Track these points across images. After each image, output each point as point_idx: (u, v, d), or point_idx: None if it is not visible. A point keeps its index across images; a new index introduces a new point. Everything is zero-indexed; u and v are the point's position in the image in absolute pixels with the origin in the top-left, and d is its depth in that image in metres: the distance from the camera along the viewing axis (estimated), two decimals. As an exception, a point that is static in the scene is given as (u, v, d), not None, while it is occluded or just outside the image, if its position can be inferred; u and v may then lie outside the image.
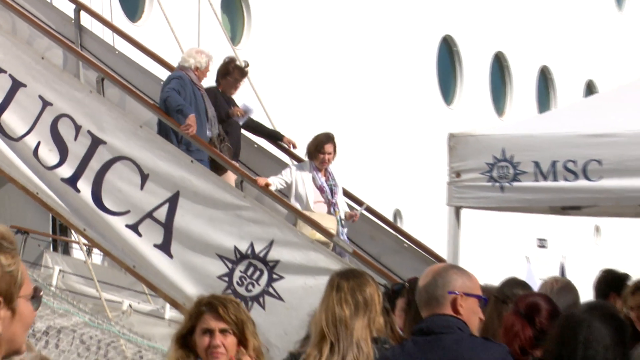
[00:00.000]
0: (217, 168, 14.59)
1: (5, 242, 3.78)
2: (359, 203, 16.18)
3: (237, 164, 14.90)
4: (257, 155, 16.18)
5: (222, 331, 7.31)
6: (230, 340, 7.33)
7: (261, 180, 14.67)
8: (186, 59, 15.35)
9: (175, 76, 15.08)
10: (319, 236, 13.68)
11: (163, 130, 14.91)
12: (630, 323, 9.96)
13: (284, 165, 15.94)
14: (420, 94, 32.56)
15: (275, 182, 14.77)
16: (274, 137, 16.39)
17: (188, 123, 14.17)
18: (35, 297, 3.89)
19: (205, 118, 14.76)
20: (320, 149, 14.61)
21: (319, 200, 14.24)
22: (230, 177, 14.74)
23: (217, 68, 15.86)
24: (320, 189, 14.55)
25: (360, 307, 7.62)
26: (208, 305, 7.38)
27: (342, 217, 15.08)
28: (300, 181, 14.55)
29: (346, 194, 16.13)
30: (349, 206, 16.00)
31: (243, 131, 16.15)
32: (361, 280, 7.85)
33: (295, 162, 15.33)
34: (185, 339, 7.46)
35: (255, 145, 16.40)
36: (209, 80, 16.32)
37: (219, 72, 15.77)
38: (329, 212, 14.79)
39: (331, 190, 14.69)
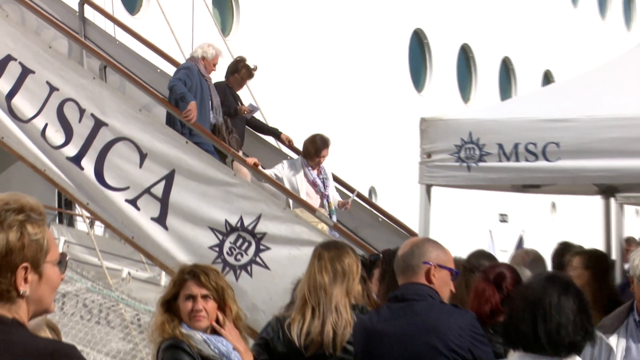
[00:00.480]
0: (221, 154, 14.61)
1: (34, 213, 3.96)
2: (351, 190, 16.19)
3: (235, 152, 14.89)
4: (259, 147, 16.19)
5: (204, 297, 7.43)
6: (211, 305, 7.45)
7: (250, 160, 14.67)
8: (196, 50, 15.45)
9: (184, 67, 15.08)
10: (322, 225, 13.69)
11: (170, 117, 14.89)
12: None
13: (284, 156, 16.12)
14: (393, 82, 32.57)
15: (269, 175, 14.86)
16: (273, 134, 16.37)
17: (189, 109, 14.15)
18: (62, 262, 4.07)
19: (210, 106, 14.77)
20: (318, 153, 14.69)
21: (311, 193, 14.24)
22: (244, 171, 14.82)
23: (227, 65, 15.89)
24: (313, 184, 14.59)
25: (338, 275, 7.65)
26: (191, 274, 7.50)
27: (335, 206, 15.14)
28: (293, 177, 14.58)
29: (338, 180, 16.21)
30: (342, 194, 16.07)
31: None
32: (341, 251, 7.88)
33: (287, 160, 15.31)
34: (169, 304, 7.52)
35: (258, 139, 16.43)
36: (220, 76, 16.43)
37: (228, 69, 15.81)
38: (321, 205, 14.79)
39: (323, 183, 14.71)
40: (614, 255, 11.78)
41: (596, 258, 10.45)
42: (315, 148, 14.62)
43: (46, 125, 14.78)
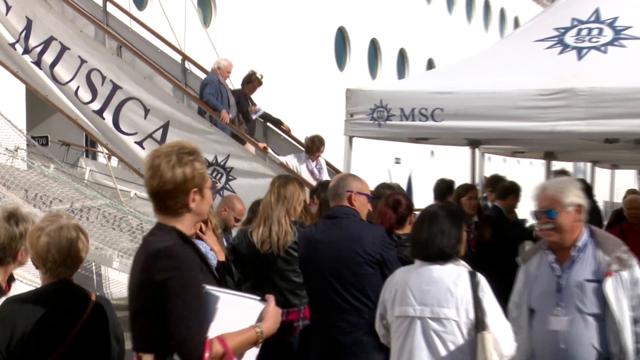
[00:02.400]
0: (237, 138, 14.58)
1: (198, 155, 4.41)
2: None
3: (250, 137, 14.88)
4: (268, 136, 16.18)
5: None
6: None
7: (260, 144, 14.72)
8: (214, 64, 15.33)
9: (208, 81, 14.94)
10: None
11: (200, 110, 14.96)
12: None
13: (287, 142, 16.18)
14: (324, 64, 32.67)
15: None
16: (277, 123, 16.27)
17: (222, 116, 14.33)
18: (213, 188, 4.90)
19: (227, 105, 14.72)
20: (317, 150, 14.69)
21: (309, 179, 14.19)
22: (250, 147, 14.75)
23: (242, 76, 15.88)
24: (311, 172, 14.59)
25: (281, 197, 7.60)
26: None
27: None
28: (298, 166, 14.62)
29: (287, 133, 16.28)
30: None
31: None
32: (288, 182, 7.83)
33: (294, 154, 15.29)
34: None
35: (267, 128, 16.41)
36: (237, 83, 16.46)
37: (244, 79, 15.67)
38: None
39: (319, 171, 14.72)
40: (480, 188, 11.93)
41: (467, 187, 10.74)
42: (315, 146, 14.62)
43: (78, 87, 14.73)
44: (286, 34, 29.32)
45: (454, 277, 5.40)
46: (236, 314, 4.20)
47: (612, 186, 17.60)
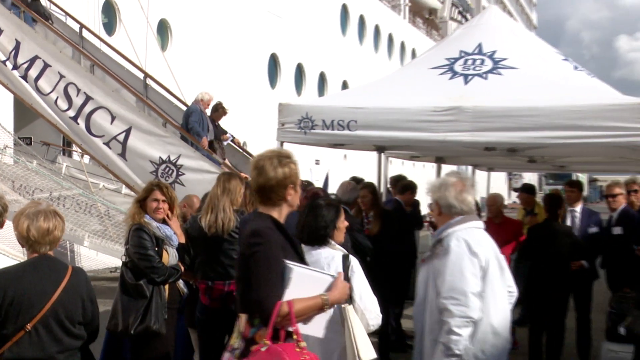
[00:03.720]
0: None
1: (293, 158, 4.69)
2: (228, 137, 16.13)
3: (222, 160, 14.80)
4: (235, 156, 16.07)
5: (163, 201, 7.39)
6: (166, 206, 7.43)
7: (243, 174, 14.79)
8: (198, 96, 15.21)
9: (193, 110, 14.89)
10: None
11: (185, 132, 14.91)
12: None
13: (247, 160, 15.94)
14: (260, 83, 32.55)
15: None
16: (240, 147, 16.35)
17: (202, 142, 14.39)
18: (301, 185, 4.87)
19: (207, 130, 14.71)
20: None
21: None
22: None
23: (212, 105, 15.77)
24: None
25: (225, 190, 7.56)
26: (157, 186, 7.44)
27: None
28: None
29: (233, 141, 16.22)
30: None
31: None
32: (231, 177, 7.80)
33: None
34: (140, 203, 7.39)
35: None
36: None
37: (212, 109, 15.54)
38: None
39: None
40: (382, 188, 11.94)
41: (373, 187, 10.68)
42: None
43: (57, 97, 14.75)
44: (229, 58, 29.20)
45: (329, 259, 5.36)
46: (308, 284, 4.36)
47: (488, 185, 17.77)
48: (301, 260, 4.58)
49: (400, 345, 11.14)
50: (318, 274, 4.54)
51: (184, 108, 16.61)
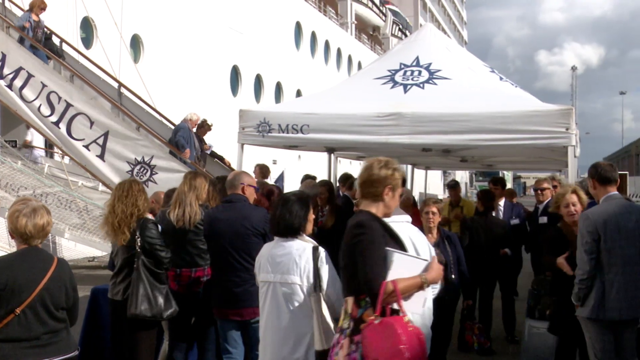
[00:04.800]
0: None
1: (397, 165, 4.81)
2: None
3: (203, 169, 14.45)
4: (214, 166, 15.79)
5: None
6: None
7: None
8: (187, 115, 14.99)
9: (182, 127, 14.71)
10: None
11: (174, 143, 14.64)
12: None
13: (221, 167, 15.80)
14: (223, 92, 32.36)
15: None
16: (220, 159, 16.04)
17: (186, 154, 14.21)
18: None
19: (193, 147, 14.53)
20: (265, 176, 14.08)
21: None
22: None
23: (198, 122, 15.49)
24: None
25: (192, 187, 7.49)
26: (135, 182, 7.11)
27: None
28: None
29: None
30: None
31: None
32: (196, 175, 7.73)
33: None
34: None
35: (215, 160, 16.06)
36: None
37: (198, 125, 15.29)
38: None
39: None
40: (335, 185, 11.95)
41: (331, 185, 10.67)
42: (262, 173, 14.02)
43: (40, 105, 14.54)
44: (195, 69, 29.02)
45: (300, 250, 5.26)
46: (407, 266, 4.45)
47: (425, 182, 17.89)
48: (401, 247, 4.64)
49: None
50: (415, 258, 4.66)
51: (155, 114, 16.50)
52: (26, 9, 15.86)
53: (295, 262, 5.24)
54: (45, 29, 15.92)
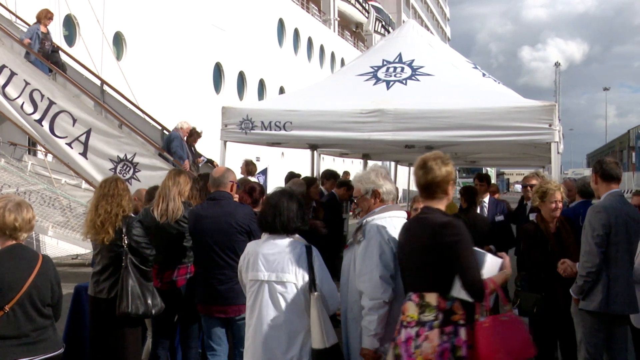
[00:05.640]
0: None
1: (448, 158, 4.85)
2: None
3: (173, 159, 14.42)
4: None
5: None
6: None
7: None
8: (178, 124, 14.85)
9: (174, 137, 14.54)
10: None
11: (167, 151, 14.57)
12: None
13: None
14: (206, 89, 32.28)
15: None
16: (212, 164, 15.97)
17: (185, 165, 13.99)
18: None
19: (187, 155, 14.46)
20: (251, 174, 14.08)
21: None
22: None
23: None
24: None
25: (175, 183, 7.45)
26: (119, 181, 7.04)
27: None
28: None
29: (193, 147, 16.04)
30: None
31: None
32: (178, 173, 7.68)
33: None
34: None
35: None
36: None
37: (189, 134, 15.08)
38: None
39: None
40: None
41: (312, 180, 10.66)
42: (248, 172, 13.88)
43: (23, 102, 14.48)
44: (178, 67, 28.89)
45: (293, 248, 5.21)
46: (494, 265, 4.71)
47: (409, 179, 17.92)
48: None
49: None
50: (494, 256, 4.79)
51: (138, 112, 16.42)
52: (33, 22, 15.74)
53: (290, 261, 5.20)
54: (52, 42, 15.84)
